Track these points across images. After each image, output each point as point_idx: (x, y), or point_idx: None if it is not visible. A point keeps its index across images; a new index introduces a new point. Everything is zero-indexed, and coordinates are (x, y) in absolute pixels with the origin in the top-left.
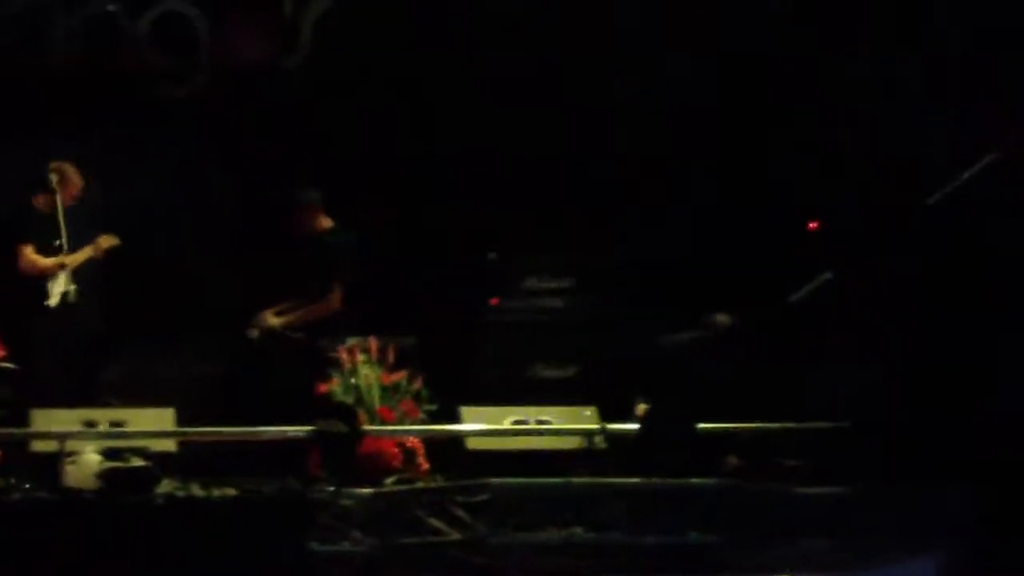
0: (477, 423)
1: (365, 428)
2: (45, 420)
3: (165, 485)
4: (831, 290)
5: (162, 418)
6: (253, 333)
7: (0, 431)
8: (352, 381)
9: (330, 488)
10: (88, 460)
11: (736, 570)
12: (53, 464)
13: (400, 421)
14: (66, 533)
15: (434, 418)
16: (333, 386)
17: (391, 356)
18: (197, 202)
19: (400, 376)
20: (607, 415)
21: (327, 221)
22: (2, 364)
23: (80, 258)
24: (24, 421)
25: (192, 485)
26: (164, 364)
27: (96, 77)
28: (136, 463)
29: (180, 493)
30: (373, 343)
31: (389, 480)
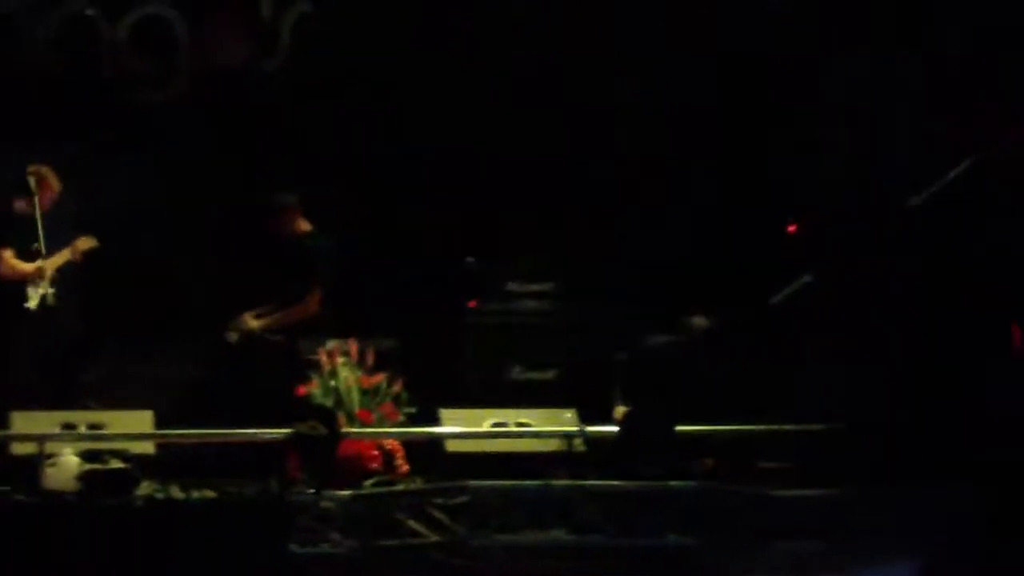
0: (457, 425)
1: (345, 430)
2: (24, 423)
3: (145, 487)
4: (812, 292)
5: (141, 420)
6: (232, 336)
7: None
8: (332, 383)
9: (310, 490)
10: (67, 463)
11: (716, 572)
12: (32, 467)
13: (380, 424)
14: (46, 536)
15: (414, 420)
16: (312, 388)
17: (370, 359)
18: (176, 205)
19: (379, 379)
20: (587, 417)
21: (306, 224)
22: None
23: (58, 261)
24: (3, 424)
25: (172, 487)
26: (143, 367)
27: (75, 80)
28: (115, 465)
29: (159, 495)
30: (353, 346)
31: (368, 482)
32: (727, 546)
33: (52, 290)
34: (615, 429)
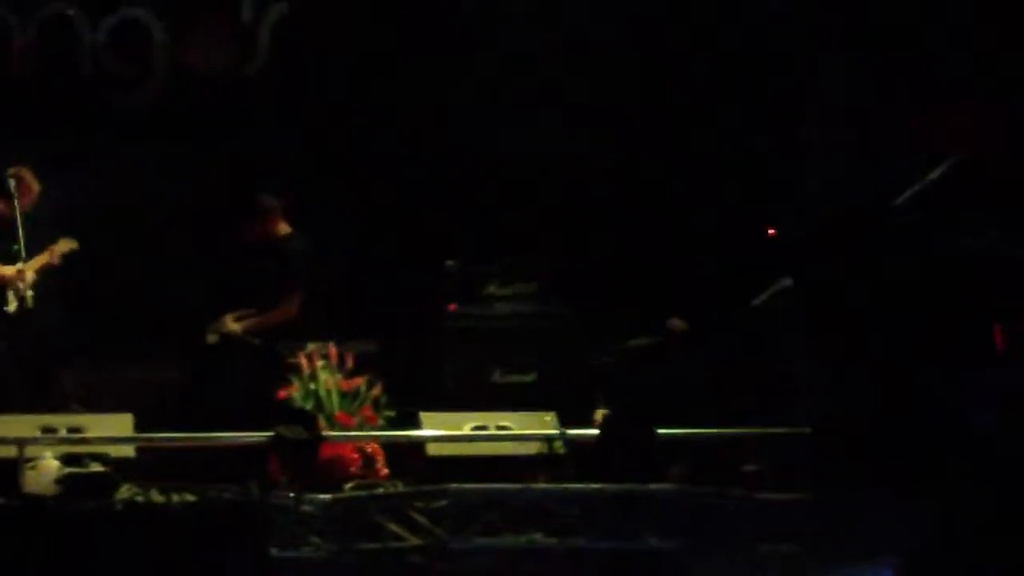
0: (437, 429)
1: (325, 434)
2: (3, 426)
3: (124, 491)
4: (790, 296)
5: (121, 424)
6: (212, 338)
7: None
8: (311, 387)
9: (290, 494)
10: (47, 466)
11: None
12: (12, 470)
13: (360, 427)
14: (25, 539)
15: (394, 424)
16: (292, 392)
17: (350, 362)
18: (156, 208)
19: (359, 382)
20: (567, 420)
21: (286, 226)
22: None
23: (38, 264)
24: None
25: (152, 491)
26: (123, 369)
27: (55, 82)
28: (95, 469)
29: (139, 499)
30: (333, 349)
31: (349, 486)
32: (707, 549)
33: (31, 293)
34: (595, 432)
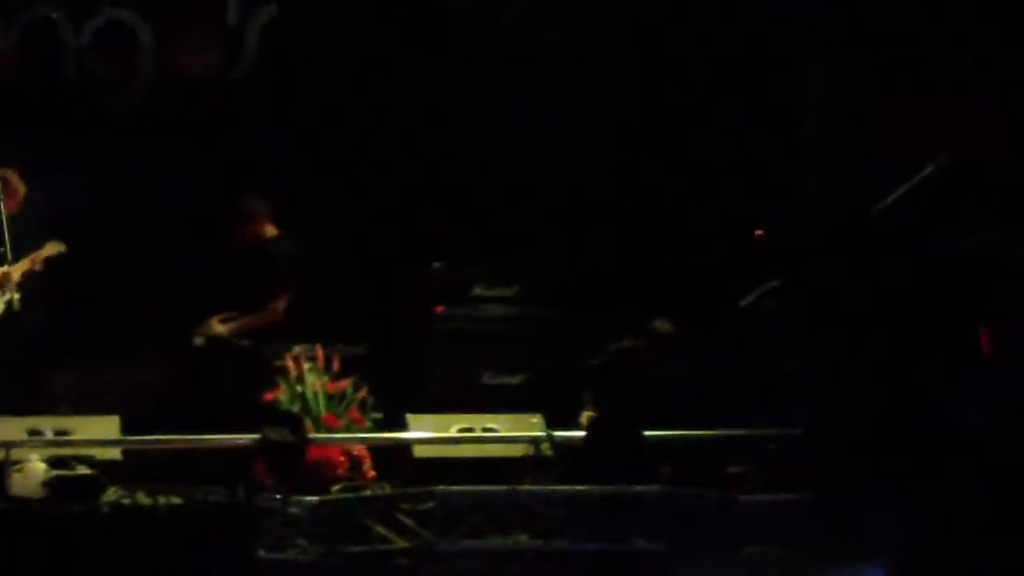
0: (424, 431)
1: (311, 436)
2: None
3: (111, 493)
4: (778, 297)
5: (108, 426)
6: (199, 340)
7: None
8: (298, 389)
9: (276, 496)
10: (34, 468)
11: None
12: None
13: (346, 429)
14: (11, 542)
15: (380, 426)
16: (279, 394)
17: (336, 364)
18: (143, 210)
19: (346, 384)
20: (553, 422)
21: (273, 229)
22: None
23: (23, 267)
24: None
25: (138, 493)
26: (110, 372)
27: (40, 84)
28: (82, 471)
29: (126, 501)
30: (319, 351)
31: (335, 488)
32: (693, 551)
33: (18, 295)
34: (582, 434)
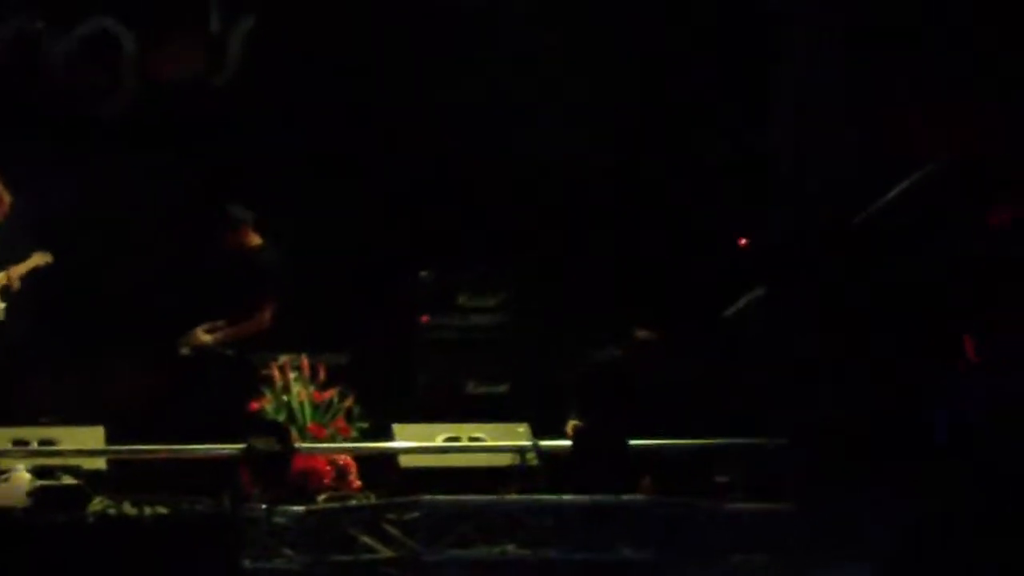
0: (410, 440)
1: (297, 445)
2: None
3: (96, 503)
4: (763, 305)
5: (93, 436)
6: (185, 350)
7: None
8: (284, 399)
9: (262, 505)
10: (19, 478)
11: None
12: None
13: (332, 439)
14: None
15: (366, 435)
16: (265, 403)
17: (322, 373)
18: (127, 220)
19: (332, 394)
20: (539, 432)
21: (257, 238)
22: None
23: (8, 276)
24: None
25: (124, 503)
26: (95, 382)
27: (24, 93)
28: (67, 481)
29: (112, 511)
30: (305, 360)
31: (321, 497)
32: (680, 559)
33: (2, 305)
34: (567, 443)
